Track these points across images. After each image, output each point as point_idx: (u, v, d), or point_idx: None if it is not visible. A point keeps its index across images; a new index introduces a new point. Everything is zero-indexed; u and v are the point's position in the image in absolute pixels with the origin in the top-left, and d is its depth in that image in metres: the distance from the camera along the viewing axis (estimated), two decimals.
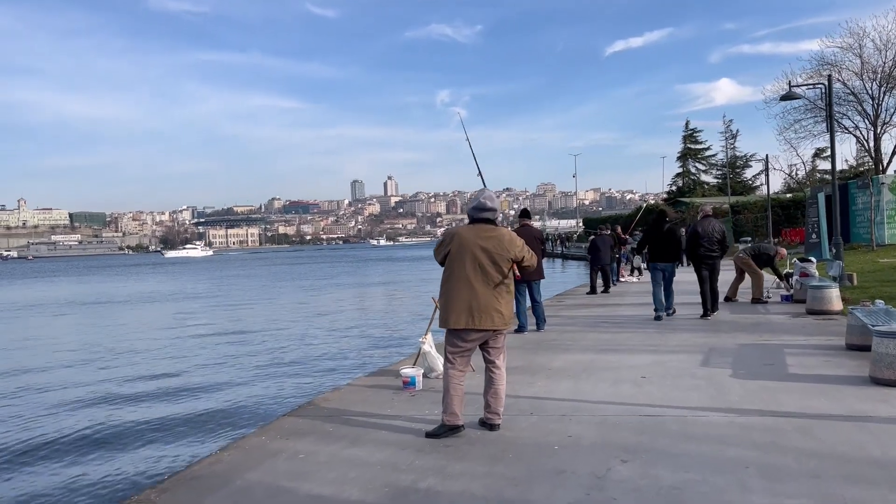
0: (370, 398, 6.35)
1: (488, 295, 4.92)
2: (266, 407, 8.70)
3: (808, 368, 6.66)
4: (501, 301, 4.97)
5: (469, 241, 4.93)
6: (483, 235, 4.95)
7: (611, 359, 7.68)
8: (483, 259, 4.91)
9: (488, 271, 4.91)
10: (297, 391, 9.72)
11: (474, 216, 5.05)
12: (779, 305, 12.20)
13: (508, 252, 4.96)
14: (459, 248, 4.94)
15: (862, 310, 7.42)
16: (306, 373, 11.41)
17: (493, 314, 4.92)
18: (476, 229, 4.99)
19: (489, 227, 5.01)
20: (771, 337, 8.72)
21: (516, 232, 10.13)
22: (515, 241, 5.05)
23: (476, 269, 4.91)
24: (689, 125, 65.10)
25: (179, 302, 30.44)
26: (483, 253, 4.91)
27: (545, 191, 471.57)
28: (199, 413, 8.71)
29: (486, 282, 4.91)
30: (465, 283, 4.90)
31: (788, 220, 39.39)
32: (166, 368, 12.55)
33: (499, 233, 5.01)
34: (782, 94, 14.94)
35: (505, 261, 4.96)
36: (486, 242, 4.93)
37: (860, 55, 34.61)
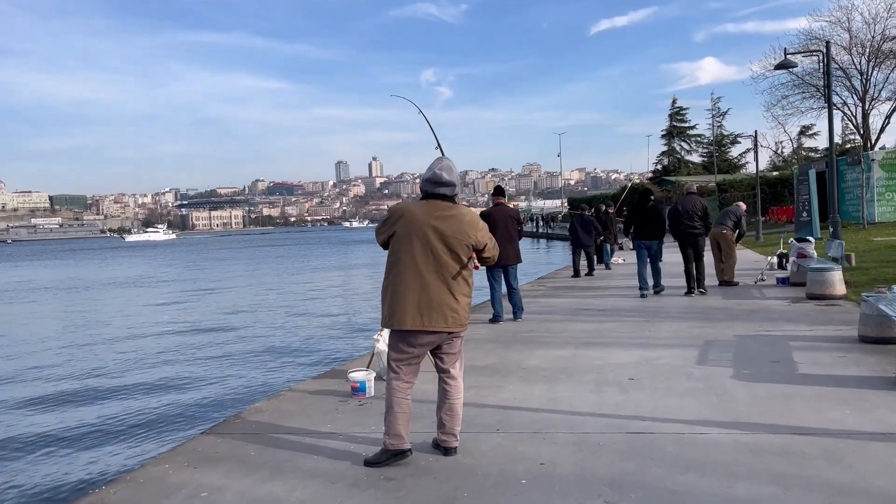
0: (310, 408, 5.38)
1: (442, 289, 3.94)
2: (188, 418, 7.69)
3: (822, 367, 5.76)
4: (458, 297, 4.00)
5: (420, 221, 3.94)
6: (438, 215, 3.97)
7: (594, 355, 6.76)
8: (437, 244, 3.93)
9: (443, 259, 3.94)
10: (233, 396, 8.73)
11: (428, 190, 4.04)
12: (775, 289, 11.34)
13: (468, 237, 3.99)
14: (408, 228, 3.95)
15: (877, 297, 6.53)
16: (252, 372, 10.40)
17: (446, 313, 3.95)
18: (430, 206, 3.99)
19: (446, 205, 4.01)
20: (772, 326, 7.83)
21: (490, 212, 9.16)
22: (477, 224, 4.07)
23: (428, 256, 3.93)
24: (675, 103, 64.13)
25: (139, 288, 29.36)
26: (437, 236, 3.93)
27: (531, 171, 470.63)
28: (108, 425, 7.68)
29: (439, 272, 3.94)
30: (413, 274, 3.92)
31: (775, 197, 38.72)
32: (93, 365, 11.56)
33: (458, 212, 4.02)
34: (777, 63, 14.02)
35: (463, 247, 3.98)
36: (441, 223, 3.94)
37: (849, 29, 33.77)
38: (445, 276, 3.95)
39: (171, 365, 11.35)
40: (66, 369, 11.33)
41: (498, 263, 9.09)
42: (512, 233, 9.08)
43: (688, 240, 11.04)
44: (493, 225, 9.03)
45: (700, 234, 11.07)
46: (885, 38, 33.05)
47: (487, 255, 4.13)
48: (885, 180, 27.08)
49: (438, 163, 4.06)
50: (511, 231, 9.06)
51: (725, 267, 12.09)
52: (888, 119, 36.11)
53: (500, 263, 9.12)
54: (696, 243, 11.01)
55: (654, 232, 11.20)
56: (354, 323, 15.49)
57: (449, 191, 4.03)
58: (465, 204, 7.90)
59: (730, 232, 12.10)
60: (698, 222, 11.02)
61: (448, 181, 4.00)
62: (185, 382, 9.87)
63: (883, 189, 27.14)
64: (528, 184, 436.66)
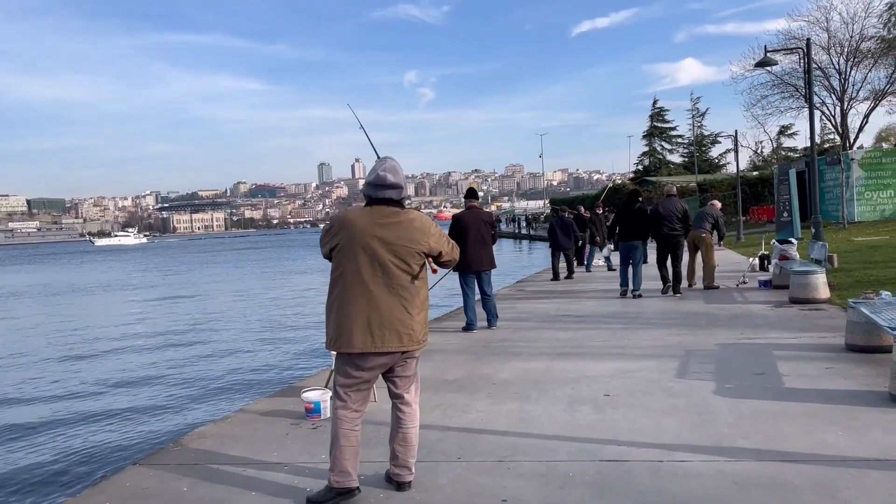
0: (259, 432, 4.94)
1: (394, 304, 3.52)
2: (123, 447, 7.07)
3: (809, 380, 5.41)
4: (412, 311, 3.58)
5: (363, 230, 3.51)
6: (383, 222, 3.54)
7: (568, 368, 6.37)
8: (383, 254, 3.50)
9: (392, 271, 3.52)
10: (179, 419, 8.19)
11: (372, 195, 3.62)
12: (757, 292, 11.03)
13: (419, 244, 3.57)
14: (350, 239, 3.51)
15: (866, 304, 6.20)
16: (204, 390, 9.73)
17: (400, 330, 3.53)
18: (373, 213, 3.57)
19: (392, 210, 3.59)
20: (755, 334, 7.49)
21: (462, 215, 8.76)
22: (429, 229, 3.65)
23: (375, 269, 3.50)
24: (656, 104, 64.16)
25: (98, 296, 28.67)
26: (383, 246, 3.51)
27: (514, 172, 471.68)
28: (44, 456, 7.05)
29: (389, 285, 3.52)
30: (360, 289, 3.50)
31: (755, 197, 38.73)
32: (39, 381, 10.88)
33: (405, 217, 3.60)
34: (757, 61, 13.77)
35: (414, 255, 3.56)
36: (387, 231, 3.52)
37: (827, 29, 33.84)
38: (397, 289, 3.53)
39: (114, 384, 10.51)
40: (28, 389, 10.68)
41: (471, 269, 8.72)
42: (485, 237, 8.68)
43: (668, 242, 11.13)
44: (465, 229, 8.64)
45: (679, 235, 11.16)
46: (864, 37, 33.14)
47: (446, 260, 3.72)
48: (865, 180, 27.04)
49: (382, 163, 3.63)
50: (484, 235, 8.66)
51: (705, 272, 11.87)
52: (866, 118, 36.27)
53: (473, 269, 8.73)
54: (675, 245, 11.12)
55: (639, 233, 11.19)
56: (319, 336, 15.02)
57: (395, 194, 3.60)
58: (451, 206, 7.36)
59: (709, 235, 11.88)
60: (678, 224, 11.09)
61: (394, 183, 3.58)
62: (128, 404, 9.13)
63: (863, 188, 27.09)
64: (511, 185, 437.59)
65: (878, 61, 33.41)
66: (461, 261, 8.69)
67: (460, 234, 8.65)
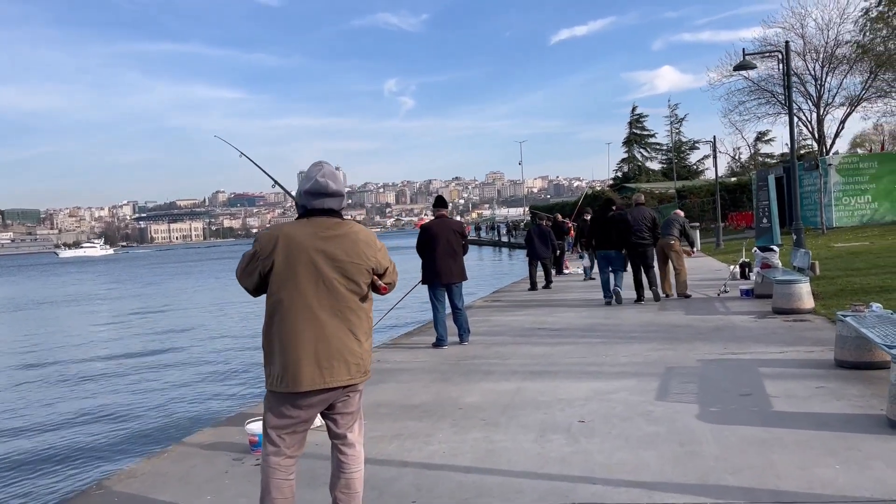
0: (196, 469, 4.43)
1: (342, 330, 3.03)
2: (38, 489, 6.48)
3: (799, 401, 5.00)
4: (361, 337, 3.10)
5: (304, 246, 3.01)
6: (326, 235, 3.05)
7: (542, 388, 5.92)
8: (329, 272, 3.02)
9: (339, 291, 3.03)
10: (111, 453, 7.54)
11: (309, 205, 3.13)
12: (739, 302, 10.68)
13: (367, 258, 3.10)
14: (289, 257, 3.01)
15: (856, 317, 5.82)
16: (144, 420, 9.00)
17: (348, 360, 3.04)
18: (313, 226, 3.07)
19: (334, 222, 3.10)
20: (738, 348, 7.10)
21: (431, 225, 8.31)
22: (375, 242, 3.17)
23: (320, 289, 3.02)
24: (635, 110, 64.32)
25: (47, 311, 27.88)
26: (328, 262, 3.02)
27: (494, 179, 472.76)
28: None
29: (336, 308, 3.03)
30: (305, 315, 3.00)
31: (734, 203, 38.74)
32: None
33: (350, 229, 3.11)
34: (736, 64, 13.51)
35: (363, 272, 3.08)
36: (331, 245, 3.04)
37: (802, 35, 33.94)
38: (344, 312, 3.05)
39: (41, 412, 9.76)
40: None
41: (441, 281, 8.26)
42: (455, 248, 8.23)
43: (637, 250, 11.24)
44: (435, 239, 8.20)
45: (649, 244, 11.30)
46: (839, 43, 33.26)
47: (388, 281, 3.24)
48: (843, 185, 27.05)
49: (318, 168, 3.15)
50: (454, 246, 8.21)
51: (678, 281, 11.79)
52: (842, 124, 36.43)
53: (443, 281, 8.28)
54: (644, 254, 11.27)
55: (615, 242, 11.20)
56: None
57: (336, 203, 3.13)
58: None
59: (677, 242, 11.87)
60: (647, 233, 11.21)
61: (335, 191, 3.10)
62: (53, 437, 8.38)
63: (840, 194, 27.10)
64: (492, 192, 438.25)
65: (853, 67, 33.56)
66: (431, 273, 8.25)
67: (429, 245, 8.21)
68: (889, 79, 33.25)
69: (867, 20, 31.19)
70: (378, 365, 7.54)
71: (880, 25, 30.76)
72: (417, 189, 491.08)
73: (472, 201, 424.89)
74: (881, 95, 34.71)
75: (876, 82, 33.54)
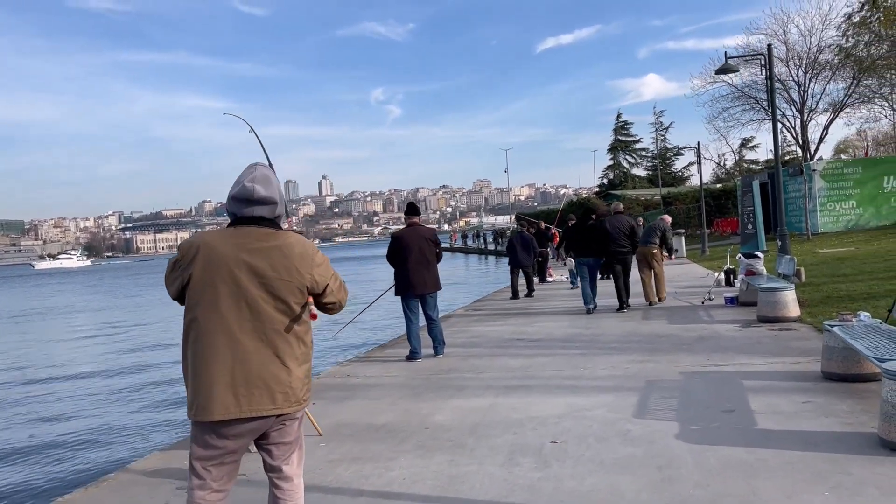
0: (136, 499, 4.06)
1: (265, 354, 2.70)
2: None
3: (784, 418, 4.71)
4: (290, 363, 2.75)
5: (225, 258, 2.69)
6: (253, 247, 2.72)
7: (515, 405, 5.59)
8: (253, 289, 2.69)
9: (264, 311, 2.70)
10: (52, 480, 7.11)
11: (237, 212, 2.79)
12: (724, 310, 10.41)
13: (300, 276, 2.76)
14: (208, 271, 2.68)
15: (843, 327, 5.55)
16: (95, 445, 8.53)
17: (273, 388, 2.70)
18: (239, 236, 2.75)
19: (264, 232, 2.77)
20: (722, 359, 6.81)
21: (402, 234, 7.98)
22: (313, 257, 2.82)
23: (241, 309, 2.68)
24: (620, 117, 64.41)
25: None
26: (253, 278, 2.69)
27: (481, 187, 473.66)
28: None
29: (260, 330, 2.70)
30: (222, 336, 2.67)
31: (719, 209, 38.71)
32: None
33: (283, 241, 2.77)
34: (718, 68, 13.31)
35: (294, 291, 2.74)
36: (258, 259, 2.70)
37: (785, 42, 34.00)
38: (271, 335, 2.71)
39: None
40: None
41: (414, 292, 7.94)
42: (428, 257, 7.90)
43: (616, 258, 11.23)
44: (406, 248, 7.87)
45: (628, 252, 11.28)
46: (821, 49, 33.34)
47: (331, 302, 2.89)
48: (827, 191, 26.98)
49: (250, 172, 2.81)
50: (427, 255, 7.89)
51: (658, 286, 11.69)
52: (826, 130, 36.50)
53: (416, 292, 7.95)
54: (624, 261, 11.24)
55: (593, 249, 11.25)
56: None
57: (267, 211, 2.79)
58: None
59: (659, 249, 11.75)
60: (625, 241, 11.21)
61: (265, 197, 2.77)
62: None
63: (825, 199, 27.02)
64: (479, 200, 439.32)
65: (836, 73, 33.65)
66: (403, 283, 7.91)
67: (401, 255, 7.89)
68: (872, 85, 33.37)
69: (850, 25, 31.26)
70: (347, 380, 7.20)
71: (863, 30, 30.84)
72: (405, 197, 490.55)
73: (460, 209, 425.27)
74: (864, 101, 34.83)
75: (859, 88, 33.64)
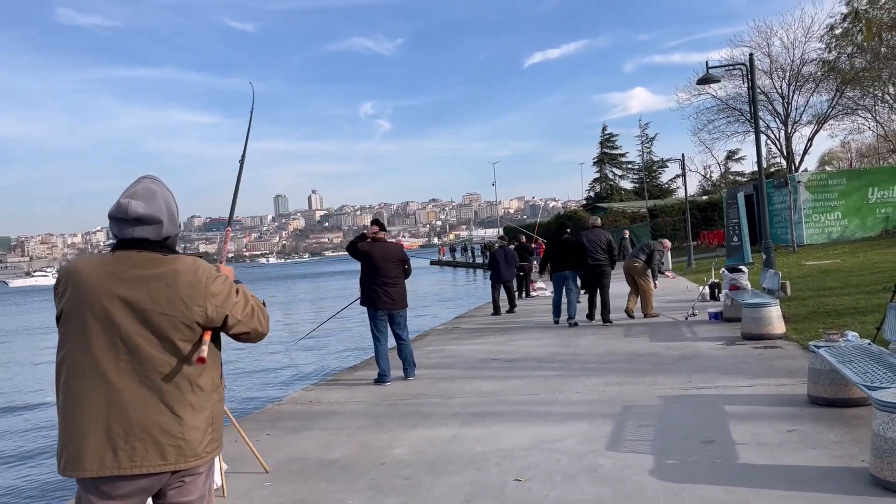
0: None
1: (149, 401, 2.26)
2: None
3: (768, 450, 4.33)
4: (183, 411, 2.31)
5: (96, 289, 2.26)
6: (130, 276, 2.29)
7: (481, 436, 5.19)
8: (129, 326, 2.26)
9: (144, 351, 2.27)
10: None
11: (117, 234, 2.38)
12: (707, 326, 10.07)
13: (188, 310, 2.30)
14: (78, 303, 2.27)
15: (830, 348, 5.20)
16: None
17: (161, 442, 2.27)
18: (115, 263, 2.31)
19: (146, 258, 2.32)
20: (704, 381, 6.44)
21: (366, 249, 7.59)
22: (207, 285, 2.35)
23: (116, 348, 2.26)
24: (605, 130, 64.43)
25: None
26: (129, 313, 2.26)
27: (471, 200, 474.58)
28: None
29: (140, 374, 2.26)
30: (92, 380, 2.24)
31: (706, 221, 38.56)
32: None
33: (168, 268, 2.32)
34: (699, 78, 13.09)
35: (180, 327, 2.30)
36: (134, 290, 2.27)
37: (769, 54, 34.08)
38: (155, 379, 2.28)
39: None
40: None
41: (380, 308, 7.54)
42: (395, 273, 7.52)
43: (593, 271, 11.25)
44: (372, 265, 7.49)
45: (605, 265, 11.20)
46: (804, 61, 33.41)
47: (242, 332, 2.48)
48: (812, 202, 26.87)
49: (131, 187, 2.41)
50: (393, 271, 7.50)
51: (644, 301, 11.55)
52: (810, 142, 36.57)
53: (383, 308, 7.54)
54: (601, 275, 11.21)
55: (570, 263, 11.40)
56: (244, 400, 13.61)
57: (151, 232, 2.36)
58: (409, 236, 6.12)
59: (642, 265, 11.62)
60: (602, 255, 11.18)
61: (145, 215, 2.33)
62: None
63: (810, 211, 26.91)
64: (469, 213, 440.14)
65: (819, 85, 33.71)
66: (367, 298, 7.53)
67: (363, 269, 7.54)
68: (855, 96, 33.43)
69: (832, 37, 31.32)
70: (308, 408, 6.78)
71: (845, 42, 30.89)
72: (395, 211, 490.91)
73: (450, 222, 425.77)
74: (847, 113, 34.90)
75: (842, 100, 33.71)
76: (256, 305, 2.53)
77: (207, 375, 2.42)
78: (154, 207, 2.35)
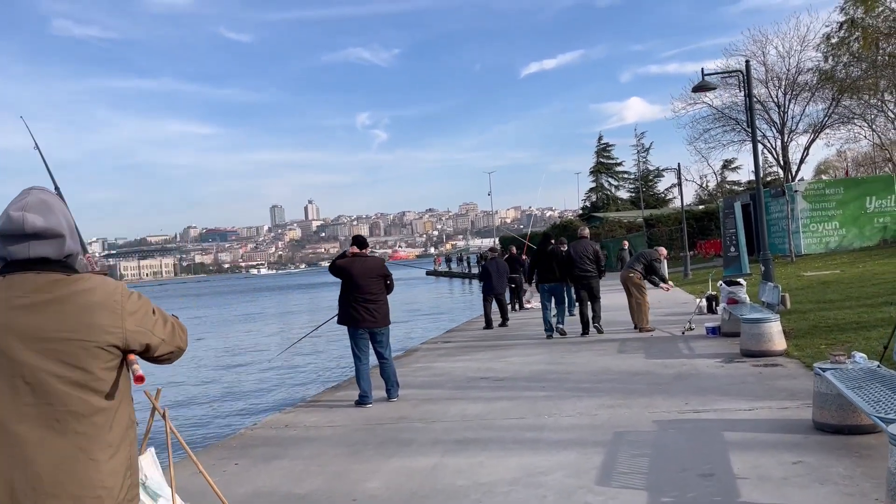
0: None
1: (62, 450, 1.88)
2: None
3: (773, 486, 3.97)
4: (99, 456, 1.94)
5: None
6: (25, 302, 1.90)
7: (462, 467, 4.82)
8: (33, 359, 1.87)
9: (52, 388, 1.87)
10: None
11: (6, 256, 1.97)
12: (704, 342, 9.71)
13: (100, 332, 1.92)
14: None
15: (837, 371, 4.85)
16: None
17: (76, 496, 1.88)
18: (9, 288, 1.93)
19: (46, 281, 1.94)
20: (701, 403, 6.08)
21: (345, 265, 7.24)
22: (122, 303, 1.97)
23: (19, 388, 1.87)
24: (601, 139, 64.32)
25: None
26: (30, 344, 1.87)
27: (467, 210, 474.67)
28: None
29: (48, 416, 1.88)
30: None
31: (702, 231, 38.27)
32: None
33: (77, 288, 1.94)
34: (695, 85, 12.81)
35: (95, 354, 1.91)
36: (33, 317, 1.88)
37: (764, 62, 33.89)
38: (67, 421, 1.91)
39: None
40: None
41: (361, 327, 7.18)
42: (375, 289, 7.16)
43: (581, 282, 11.24)
44: (351, 281, 7.14)
45: (593, 275, 11.20)
46: (800, 70, 33.24)
47: (164, 353, 2.12)
48: (810, 212, 26.58)
49: (20, 197, 2.02)
50: (374, 287, 7.15)
51: (639, 314, 11.29)
52: (807, 151, 36.33)
53: (363, 325, 7.18)
54: (589, 285, 11.21)
55: (555, 275, 11.42)
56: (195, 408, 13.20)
57: (52, 249, 1.97)
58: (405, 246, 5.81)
59: (637, 275, 11.32)
60: (589, 265, 11.15)
61: (43, 229, 1.95)
62: None
63: (808, 220, 26.61)
64: (466, 223, 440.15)
65: (815, 94, 33.53)
66: (346, 316, 7.18)
67: (345, 287, 7.17)
68: (851, 105, 33.25)
69: (828, 46, 31.16)
70: (283, 433, 6.40)
71: (842, 51, 30.74)
72: (391, 221, 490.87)
73: (447, 232, 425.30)
74: (843, 122, 34.71)
75: (838, 109, 33.52)
76: (174, 321, 2.19)
77: (124, 410, 2.04)
78: (53, 221, 1.97)
